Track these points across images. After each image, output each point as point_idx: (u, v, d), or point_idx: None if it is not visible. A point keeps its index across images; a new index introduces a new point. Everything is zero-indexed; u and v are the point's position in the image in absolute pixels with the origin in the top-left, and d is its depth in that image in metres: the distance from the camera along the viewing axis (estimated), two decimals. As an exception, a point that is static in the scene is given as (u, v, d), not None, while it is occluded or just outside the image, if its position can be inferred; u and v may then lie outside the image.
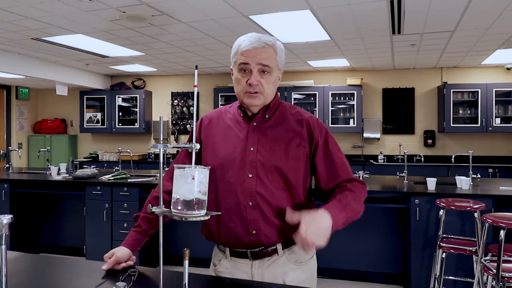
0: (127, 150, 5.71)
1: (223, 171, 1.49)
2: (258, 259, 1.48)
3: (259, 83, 1.47)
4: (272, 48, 1.49)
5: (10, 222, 1.06)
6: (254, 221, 1.44)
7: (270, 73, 1.49)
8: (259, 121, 1.53)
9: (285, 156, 1.47)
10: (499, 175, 6.08)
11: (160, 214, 1.18)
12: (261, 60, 1.45)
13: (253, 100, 1.49)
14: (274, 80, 1.52)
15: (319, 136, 1.51)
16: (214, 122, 1.60)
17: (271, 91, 1.53)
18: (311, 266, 1.56)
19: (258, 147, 1.48)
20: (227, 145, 1.52)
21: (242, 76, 1.49)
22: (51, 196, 5.08)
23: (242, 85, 1.49)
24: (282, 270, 1.48)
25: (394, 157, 6.76)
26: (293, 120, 1.54)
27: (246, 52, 1.46)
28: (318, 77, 7.38)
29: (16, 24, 4.29)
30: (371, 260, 4.10)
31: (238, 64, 1.49)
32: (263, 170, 1.45)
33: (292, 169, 1.47)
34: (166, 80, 8.09)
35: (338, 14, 3.92)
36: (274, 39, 1.52)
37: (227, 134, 1.55)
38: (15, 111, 8.19)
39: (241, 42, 1.49)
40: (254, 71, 1.46)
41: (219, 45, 5.25)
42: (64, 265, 1.63)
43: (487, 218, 2.61)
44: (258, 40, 1.47)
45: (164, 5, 3.66)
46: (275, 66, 1.50)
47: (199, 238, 5.09)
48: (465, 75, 6.93)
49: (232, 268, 1.52)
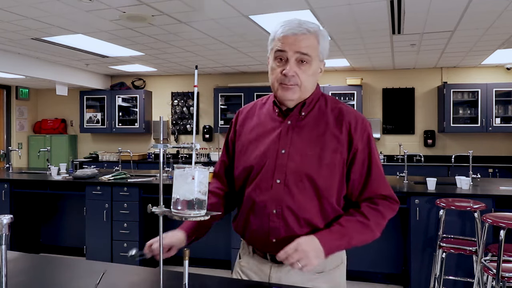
0: (127, 150, 5.71)
1: (253, 172, 1.38)
2: (277, 264, 1.37)
3: (295, 74, 1.31)
4: (314, 35, 1.33)
5: (10, 222, 1.06)
6: (276, 230, 1.33)
7: (309, 64, 1.33)
8: (294, 119, 1.38)
9: (318, 162, 1.31)
10: (499, 175, 6.08)
11: (160, 214, 1.18)
12: (300, 48, 1.30)
13: (288, 94, 1.33)
14: (314, 72, 1.36)
15: (360, 141, 1.34)
16: (249, 117, 1.48)
17: (310, 84, 1.37)
18: (335, 276, 1.40)
19: (290, 150, 1.34)
20: (259, 145, 1.40)
21: (277, 65, 1.33)
22: (51, 196, 5.08)
23: (276, 75, 1.33)
24: (301, 278, 1.35)
25: (394, 157, 6.77)
26: (333, 119, 1.37)
27: (283, 38, 1.31)
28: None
29: (16, 24, 4.29)
30: (371, 260, 4.10)
31: (274, 51, 1.33)
32: (292, 177, 1.32)
33: (325, 177, 1.31)
34: (166, 80, 8.09)
35: (338, 14, 3.92)
36: (317, 25, 1.36)
37: (260, 132, 1.42)
38: (15, 111, 8.19)
39: (280, 28, 1.33)
40: (291, 60, 1.30)
41: (219, 45, 5.25)
42: (64, 265, 1.63)
43: (487, 218, 2.61)
44: (299, 25, 1.31)
45: (164, 5, 3.66)
46: (316, 56, 1.35)
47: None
48: (465, 75, 6.93)
49: (252, 266, 1.44)
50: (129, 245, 4.30)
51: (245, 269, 1.47)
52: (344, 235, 1.29)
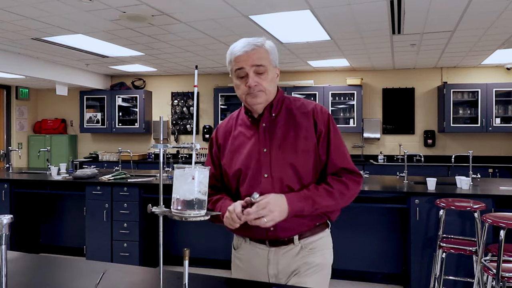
0: (127, 150, 5.71)
1: (243, 176, 1.56)
2: (275, 247, 1.56)
3: (257, 84, 1.50)
4: (263, 48, 1.52)
5: (10, 222, 1.06)
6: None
7: (266, 72, 1.52)
8: (267, 120, 1.58)
9: (295, 151, 1.52)
10: (499, 175, 6.07)
11: (160, 214, 1.18)
12: (254, 61, 1.49)
13: (256, 99, 1.52)
14: (272, 78, 1.55)
15: (322, 125, 1.55)
16: (227, 132, 1.66)
17: (272, 88, 1.56)
18: (325, 253, 1.62)
19: (271, 147, 1.54)
20: (242, 151, 1.58)
21: (240, 81, 1.53)
22: (51, 196, 5.08)
23: (242, 89, 1.53)
24: (297, 256, 1.55)
25: (394, 157, 6.76)
26: (299, 113, 1.57)
27: (238, 57, 1.50)
28: (318, 77, 7.38)
29: (16, 24, 4.29)
30: (371, 260, 4.10)
31: (235, 71, 1.53)
32: (277, 169, 1.51)
33: (302, 163, 1.52)
34: (166, 80, 8.09)
35: (338, 14, 3.92)
36: (264, 39, 1.55)
37: (240, 141, 1.60)
38: (15, 111, 8.19)
39: (232, 49, 1.53)
40: (251, 74, 1.50)
41: (219, 45, 5.25)
42: (64, 265, 1.63)
43: (487, 218, 2.61)
44: (248, 43, 1.50)
45: (164, 5, 3.66)
46: (269, 65, 1.53)
47: (199, 238, 5.08)
48: (465, 75, 6.93)
49: (250, 252, 1.60)
50: (129, 245, 4.30)
51: (244, 257, 1.63)
52: (309, 198, 1.48)
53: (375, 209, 4.05)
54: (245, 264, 1.62)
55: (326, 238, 1.63)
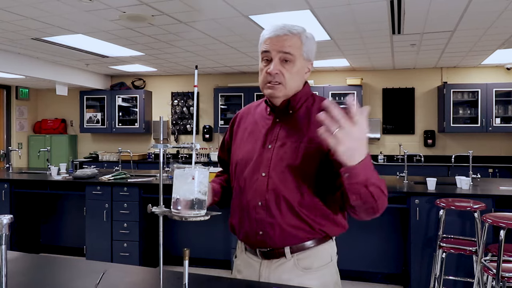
0: (127, 150, 5.71)
1: (242, 168, 1.46)
2: (267, 259, 1.43)
3: (279, 72, 1.37)
4: (297, 36, 1.39)
5: (10, 222, 1.06)
6: (261, 221, 1.39)
7: (292, 62, 1.38)
8: (282, 116, 1.45)
9: (296, 153, 1.38)
10: (499, 175, 6.07)
11: (160, 214, 1.18)
12: (283, 48, 1.36)
13: (273, 91, 1.40)
14: (298, 70, 1.41)
15: None
16: (244, 118, 1.57)
17: (294, 82, 1.42)
18: (324, 273, 1.42)
19: (275, 144, 1.42)
20: (249, 142, 1.48)
21: (264, 65, 1.41)
22: (51, 196, 5.08)
23: (262, 75, 1.41)
24: (289, 275, 1.39)
25: (394, 157, 6.77)
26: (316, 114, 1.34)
27: (268, 39, 1.39)
28: (318, 77, 7.38)
29: (16, 24, 4.29)
30: (371, 260, 4.10)
31: (261, 53, 1.42)
32: (275, 169, 1.39)
33: (303, 167, 1.37)
34: (166, 80, 8.09)
35: (338, 14, 3.92)
36: (303, 28, 1.42)
37: (252, 130, 1.50)
38: (15, 111, 8.19)
39: (265, 31, 1.42)
40: (275, 59, 1.37)
41: (219, 45, 5.25)
42: (64, 265, 1.63)
43: (487, 218, 2.61)
44: (282, 27, 1.38)
45: (164, 5, 3.66)
46: (299, 55, 1.39)
47: (199, 238, 5.08)
48: (465, 75, 6.93)
49: (245, 263, 1.50)
50: (129, 245, 4.30)
51: (240, 267, 1.53)
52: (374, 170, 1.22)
53: (375, 209, 4.04)
54: (240, 274, 1.52)
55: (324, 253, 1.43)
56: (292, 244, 1.39)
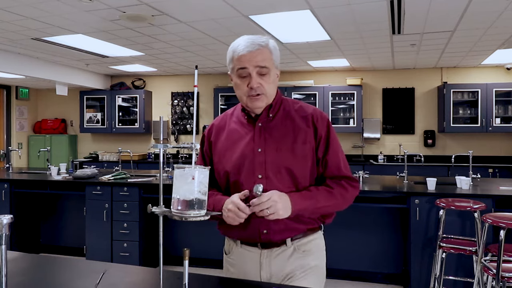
0: (127, 150, 5.71)
1: (235, 175, 1.52)
2: (267, 249, 1.53)
3: (260, 85, 1.49)
4: (267, 48, 1.50)
5: (10, 222, 1.06)
6: (265, 221, 1.44)
7: (268, 74, 1.50)
8: (263, 121, 1.56)
9: (293, 154, 1.50)
10: (499, 175, 6.07)
11: (160, 214, 1.18)
12: (258, 62, 1.47)
13: (257, 103, 1.51)
14: (273, 80, 1.54)
15: (322, 131, 1.54)
16: (220, 129, 1.63)
17: (272, 90, 1.55)
18: (321, 257, 1.60)
19: (266, 147, 1.51)
20: (235, 149, 1.55)
21: (242, 81, 1.51)
22: (51, 196, 5.08)
23: (243, 90, 1.51)
24: (291, 258, 1.53)
25: (394, 157, 6.76)
26: (298, 116, 1.56)
27: (242, 57, 1.47)
28: (318, 77, 7.38)
29: (16, 24, 4.29)
30: (371, 260, 4.10)
31: (236, 70, 1.50)
32: (272, 170, 1.49)
33: (300, 167, 1.50)
34: (166, 80, 8.09)
35: (338, 14, 3.92)
36: (267, 38, 1.54)
37: (234, 138, 1.58)
38: (15, 111, 8.19)
39: (236, 48, 1.50)
40: (253, 74, 1.47)
41: (219, 45, 5.25)
42: (64, 265, 1.63)
43: (487, 218, 2.61)
44: (252, 43, 1.48)
45: (164, 5, 3.66)
46: (272, 66, 1.52)
47: (199, 238, 5.08)
48: (465, 75, 6.93)
49: (242, 256, 1.57)
50: (129, 245, 4.30)
51: (235, 262, 1.59)
52: (311, 197, 1.47)
53: (375, 209, 4.05)
54: (237, 269, 1.57)
55: (319, 240, 1.61)
56: (293, 236, 1.53)
